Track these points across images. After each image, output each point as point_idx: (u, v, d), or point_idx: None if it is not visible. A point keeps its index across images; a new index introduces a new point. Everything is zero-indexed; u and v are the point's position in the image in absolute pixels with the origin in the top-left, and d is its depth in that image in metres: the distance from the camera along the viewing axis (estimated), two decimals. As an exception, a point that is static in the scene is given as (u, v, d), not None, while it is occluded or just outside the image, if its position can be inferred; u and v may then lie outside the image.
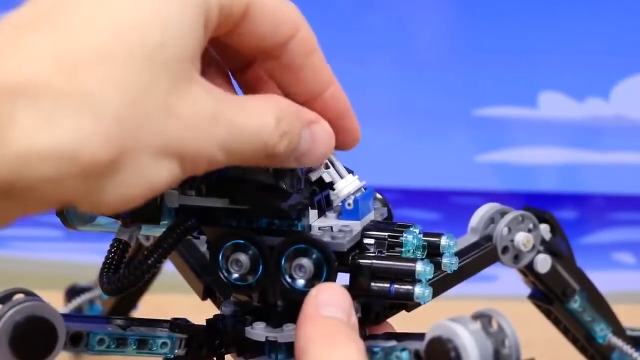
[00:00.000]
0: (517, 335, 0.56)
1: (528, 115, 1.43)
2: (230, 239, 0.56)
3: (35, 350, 0.55)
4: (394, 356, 0.57)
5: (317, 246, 0.55)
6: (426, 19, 1.41)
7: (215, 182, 0.56)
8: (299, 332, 0.51)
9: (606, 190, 1.45)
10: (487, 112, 1.43)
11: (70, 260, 1.42)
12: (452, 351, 0.53)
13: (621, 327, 0.80)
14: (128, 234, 0.58)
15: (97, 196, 0.41)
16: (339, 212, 0.58)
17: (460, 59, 1.42)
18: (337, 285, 0.53)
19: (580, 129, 1.43)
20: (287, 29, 0.49)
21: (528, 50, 1.41)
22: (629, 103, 1.42)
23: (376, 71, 1.41)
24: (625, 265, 1.46)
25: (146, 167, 0.41)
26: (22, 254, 1.44)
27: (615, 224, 1.46)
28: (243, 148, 0.46)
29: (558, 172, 1.45)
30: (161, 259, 0.56)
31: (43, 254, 1.43)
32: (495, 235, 0.71)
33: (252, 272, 0.56)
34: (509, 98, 1.43)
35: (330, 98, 0.52)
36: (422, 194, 1.45)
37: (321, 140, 0.51)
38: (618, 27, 1.40)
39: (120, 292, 0.55)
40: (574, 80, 1.42)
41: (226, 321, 0.59)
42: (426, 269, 0.57)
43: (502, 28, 1.42)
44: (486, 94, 1.43)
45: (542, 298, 0.77)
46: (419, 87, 1.42)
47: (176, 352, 0.59)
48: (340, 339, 0.49)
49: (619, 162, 1.44)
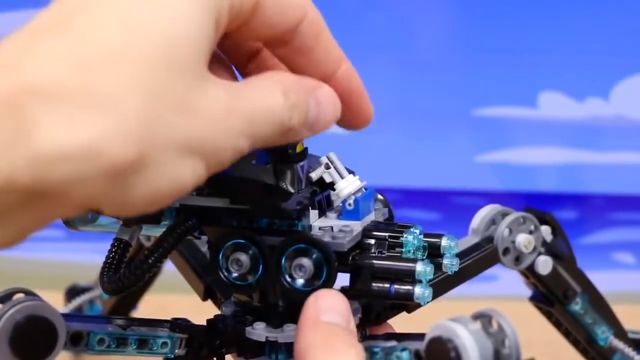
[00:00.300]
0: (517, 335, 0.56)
1: (528, 115, 1.43)
2: (230, 239, 0.56)
3: (35, 350, 0.55)
4: (394, 356, 0.57)
5: (317, 246, 0.55)
6: (426, 19, 1.41)
7: (216, 182, 0.56)
8: (298, 337, 0.51)
9: (606, 190, 1.45)
10: (487, 112, 1.43)
11: (71, 260, 1.42)
12: (452, 351, 0.53)
13: (623, 330, 0.80)
14: (129, 233, 0.58)
15: (123, 196, 0.41)
16: (339, 212, 0.58)
17: (461, 59, 1.42)
18: (336, 292, 0.54)
19: (580, 129, 1.43)
20: (297, 14, 0.49)
21: (528, 50, 1.41)
22: (629, 103, 1.42)
23: (376, 71, 1.41)
24: (625, 265, 1.46)
25: (170, 165, 0.42)
26: (22, 254, 1.44)
27: (615, 224, 1.46)
28: (263, 131, 0.46)
29: (558, 172, 1.45)
30: (162, 259, 0.56)
31: (43, 254, 1.43)
32: (496, 236, 0.71)
33: (253, 272, 0.56)
34: (509, 98, 1.43)
35: (342, 77, 0.52)
36: (422, 194, 1.45)
37: (327, 103, 0.51)
38: (618, 27, 1.40)
39: (121, 291, 0.55)
40: (574, 80, 1.42)
41: (227, 321, 0.59)
42: (426, 270, 0.57)
43: (502, 28, 1.42)
44: (486, 94, 1.43)
45: (543, 300, 0.77)
46: (419, 87, 1.42)
47: (176, 352, 0.59)
48: (340, 345, 0.50)
49: (619, 162, 1.44)
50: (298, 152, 0.58)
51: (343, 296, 0.53)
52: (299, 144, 0.58)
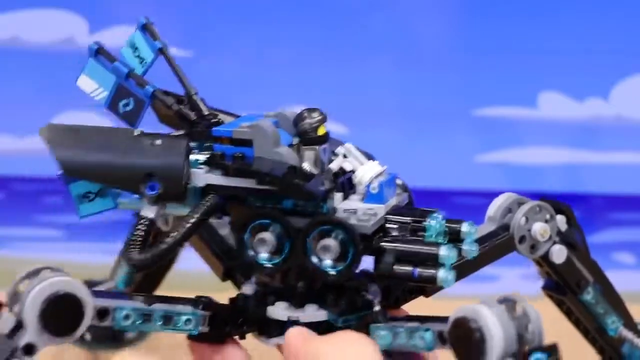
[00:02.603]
0: (541, 320, 0.56)
1: (528, 115, 1.43)
2: (257, 219, 0.56)
3: (63, 324, 0.55)
4: (418, 336, 0.58)
5: (343, 228, 0.55)
6: (427, 19, 1.41)
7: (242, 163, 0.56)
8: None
9: (606, 190, 1.46)
10: (487, 112, 1.43)
11: (70, 260, 1.41)
12: (476, 332, 0.53)
13: (632, 321, 0.80)
14: (154, 211, 0.58)
15: None
16: (363, 196, 0.58)
17: (461, 59, 1.42)
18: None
19: (580, 129, 1.44)
20: None
21: (528, 50, 1.42)
22: (629, 103, 1.42)
23: (377, 71, 1.41)
24: (625, 265, 1.46)
25: None
26: (22, 254, 1.43)
27: (615, 224, 1.46)
28: None
29: (558, 172, 1.45)
30: (188, 235, 0.56)
31: (43, 254, 1.42)
32: (513, 224, 0.71)
33: (278, 252, 0.56)
34: (509, 98, 1.43)
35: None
36: (423, 194, 1.45)
37: None
38: (618, 27, 1.40)
39: (148, 267, 0.55)
40: (574, 80, 1.42)
41: (249, 300, 0.60)
42: (450, 254, 0.57)
43: (502, 28, 1.42)
44: (486, 94, 1.43)
45: (556, 289, 0.77)
46: (419, 87, 1.42)
47: (200, 328, 0.59)
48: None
49: (619, 162, 1.44)
50: (320, 135, 0.59)
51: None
52: (321, 126, 0.59)
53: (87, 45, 0.63)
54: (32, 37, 1.37)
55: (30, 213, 1.41)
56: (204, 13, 1.38)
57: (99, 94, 0.62)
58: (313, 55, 1.38)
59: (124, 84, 0.61)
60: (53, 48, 1.35)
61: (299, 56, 1.38)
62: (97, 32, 1.35)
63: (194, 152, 0.59)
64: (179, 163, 0.57)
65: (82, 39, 1.34)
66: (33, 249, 1.43)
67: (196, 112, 0.61)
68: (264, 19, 1.38)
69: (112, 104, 0.61)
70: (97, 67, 0.62)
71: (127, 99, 0.61)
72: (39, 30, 1.36)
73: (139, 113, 0.61)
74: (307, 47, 1.38)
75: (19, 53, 1.37)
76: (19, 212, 1.41)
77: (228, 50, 1.38)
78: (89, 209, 0.60)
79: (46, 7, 1.37)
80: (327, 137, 0.59)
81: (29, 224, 1.41)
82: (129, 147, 0.58)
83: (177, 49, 1.31)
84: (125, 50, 0.63)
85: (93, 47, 0.63)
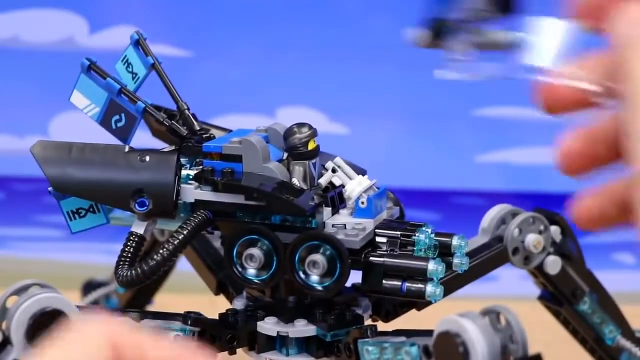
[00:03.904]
0: (524, 331, 0.56)
1: (528, 115, 1.42)
2: (244, 235, 0.56)
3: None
4: (403, 351, 0.58)
5: (331, 243, 0.55)
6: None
7: (231, 179, 0.56)
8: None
9: (606, 190, 1.45)
10: (487, 112, 1.43)
11: (70, 260, 1.41)
12: (460, 346, 0.53)
13: (630, 329, 0.80)
14: (144, 227, 0.58)
15: None
16: (352, 210, 0.58)
17: (461, 59, 1.42)
18: None
19: (580, 129, 1.43)
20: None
21: (528, 50, 1.41)
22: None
23: (377, 71, 1.40)
24: (625, 265, 1.46)
25: None
26: (22, 254, 1.43)
27: (616, 224, 1.46)
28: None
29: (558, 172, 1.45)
30: (177, 252, 0.56)
31: (43, 254, 1.42)
32: (506, 236, 0.71)
33: (266, 268, 0.57)
34: (509, 98, 1.43)
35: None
36: (423, 194, 1.45)
37: None
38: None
39: (136, 285, 0.56)
40: (574, 81, 1.42)
41: (238, 315, 0.60)
42: (438, 268, 0.57)
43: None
44: (486, 94, 1.43)
45: (552, 299, 0.77)
46: (419, 87, 1.42)
47: None
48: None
49: (619, 162, 1.43)
50: (310, 150, 0.59)
51: None
52: (311, 141, 0.59)
53: (87, 45, 0.63)
54: (32, 37, 1.37)
55: (30, 213, 1.41)
56: (204, 13, 1.38)
57: (91, 110, 0.62)
58: (313, 56, 1.38)
59: (116, 99, 0.61)
60: (53, 48, 1.35)
61: (299, 56, 1.38)
62: (97, 32, 1.35)
63: (185, 167, 0.59)
64: (169, 179, 0.57)
65: (82, 39, 1.34)
66: (33, 249, 1.43)
67: (187, 127, 0.62)
68: (264, 19, 1.38)
69: (104, 120, 0.62)
70: (89, 83, 0.62)
71: (119, 115, 0.61)
72: (39, 30, 1.36)
73: (130, 128, 0.61)
74: (307, 47, 1.38)
75: (19, 53, 1.37)
76: (19, 212, 1.42)
77: (228, 50, 1.38)
78: (80, 225, 0.61)
79: (46, 7, 1.37)
80: (316, 151, 0.59)
81: (29, 224, 1.41)
82: (119, 164, 0.58)
83: (177, 49, 1.31)
84: (119, 66, 0.64)
85: (85, 63, 0.63)
